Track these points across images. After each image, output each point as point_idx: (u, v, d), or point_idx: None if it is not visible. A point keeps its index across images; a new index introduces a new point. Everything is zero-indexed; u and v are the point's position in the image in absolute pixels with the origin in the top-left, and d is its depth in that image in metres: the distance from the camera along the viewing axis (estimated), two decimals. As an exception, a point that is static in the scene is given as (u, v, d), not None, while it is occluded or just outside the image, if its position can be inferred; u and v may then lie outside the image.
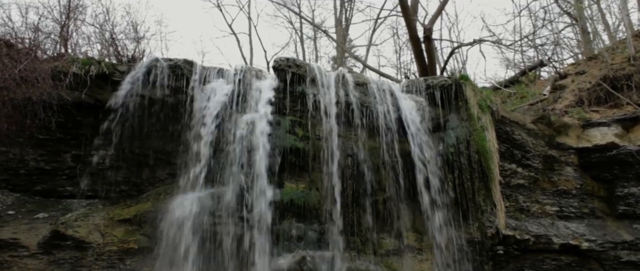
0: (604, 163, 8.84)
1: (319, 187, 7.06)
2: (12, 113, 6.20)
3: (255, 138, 6.92)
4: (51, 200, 6.78)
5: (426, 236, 7.30)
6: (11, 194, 6.63)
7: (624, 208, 8.68)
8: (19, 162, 6.71)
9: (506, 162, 8.38)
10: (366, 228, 7.09)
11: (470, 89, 8.19)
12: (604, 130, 8.85)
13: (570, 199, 8.78)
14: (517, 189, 8.54)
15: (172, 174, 7.08)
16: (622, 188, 8.72)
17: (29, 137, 6.58)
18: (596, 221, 8.69)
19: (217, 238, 6.27)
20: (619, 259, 8.24)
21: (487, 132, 7.90)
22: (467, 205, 7.45)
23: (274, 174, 6.83)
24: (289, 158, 7.04)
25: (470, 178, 7.55)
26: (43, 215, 6.40)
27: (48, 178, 6.87)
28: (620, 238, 8.34)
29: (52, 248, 6.03)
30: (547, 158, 8.81)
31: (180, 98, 7.09)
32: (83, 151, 6.93)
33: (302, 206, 6.83)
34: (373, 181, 7.30)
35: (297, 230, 6.70)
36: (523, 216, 8.39)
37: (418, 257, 7.21)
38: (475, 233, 7.42)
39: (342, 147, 7.32)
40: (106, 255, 6.14)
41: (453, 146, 7.68)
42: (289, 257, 6.43)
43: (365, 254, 6.92)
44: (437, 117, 8.03)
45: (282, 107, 7.40)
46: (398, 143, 7.58)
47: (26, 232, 6.05)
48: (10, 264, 5.86)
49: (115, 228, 6.34)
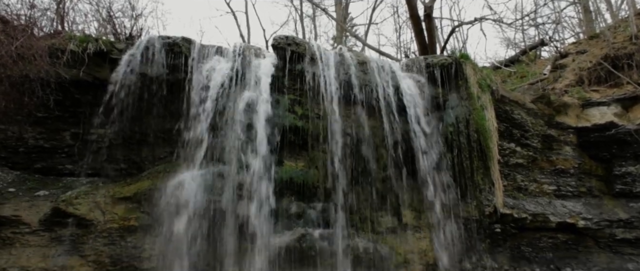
0: (602, 142, 8.86)
1: (318, 166, 7.08)
2: (9, 91, 6.16)
3: (255, 117, 6.91)
4: (51, 178, 6.79)
5: (425, 214, 7.38)
6: (11, 172, 6.65)
7: (620, 187, 8.75)
8: (17, 140, 6.70)
9: (505, 141, 8.40)
10: (365, 206, 7.15)
11: (471, 68, 8.15)
12: (603, 109, 8.85)
13: (568, 178, 8.84)
14: (515, 168, 8.58)
15: (171, 152, 7.08)
16: (620, 168, 8.77)
17: (27, 115, 6.55)
18: (593, 200, 8.77)
19: (216, 216, 6.31)
20: (614, 237, 8.35)
21: (486, 111, 7.90)
22: (465, 184, 7.50)
23: (273, 152, 6.85)
24: (289, 137, 7.05)
25: (469, 157, 7.58)
26: (43, 192, 6.43)
27: (47, 156, 6.87)
28: (616, 216, 8.43)
29: (53, 225, 6.07)
30: (546, 137, 8.83)
31: (178, 77, 7.05)
32: (82, 129, 6.91)
33: (302, 185, 6.87)
34: (372, 160, 7.33)
35: (296, 208, 6.76)
36: (521, 195, 8.46)
37: (416, 235, 7.28)
38: (474, 212, 7.49)
39: (342, 125, 7.33)
40: (107, 232, 6.18)
41: (452, 125, 7.70)
42: (289, 234, 6.50)
43: (364, 232, 6.99)
44: (436, 96, 8.02)
45: (281, 86, 7.37)
46: (398, 122, 7.59)
47: (27, 209, 6.08)
48: (13, 240, 5.91)
49: (115, 205, 6.36)
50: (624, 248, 8.35)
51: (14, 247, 5.87)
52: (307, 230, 6.61)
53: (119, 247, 6.17)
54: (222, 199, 6.40)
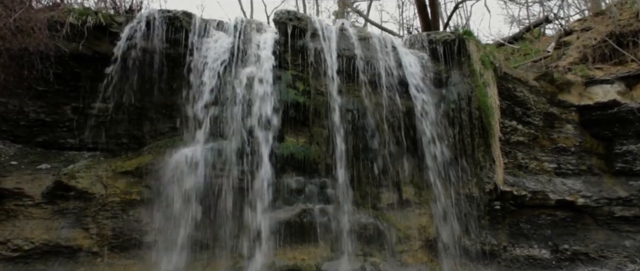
0: (604, 120, 8.84)
1: (319, 142, 7.09)
2: (8, 64, 6.13)
3: (256, 92, 6.89)
4: (53, 151, 6.81)
5: (425, 190, 7.42)
6: (13, 145, 6.66)
7: (621, 165, 8.76)
8: (18, 113, 6.69)
9: (507, 119, 8.39)
10: (366, 183, 7.18)
11: (474, 45, 8.08)
12: (606, 87, 8.80)
13: (568, 156, 8.86)
14: (516, 146, 8.59)
15: (172, 127, 7.09)
16: (621, 146, 8.76)
17: (27, 88, 6.53)
18: (593, 178, 8.80)
19: (217, 191, 6.36)
20: (613, 214, 8.41)
21: (489, 88, 7.86)
22: (466, 161, 7.53)
23: (275, 128, 6.85)
24: (290, 113, 7.05)
25: (470, 134, 7.58)
26: (46, 166, 6.46)
27: (49, 130, 6.87)
28: (615, 194, 8.47)
29: (56, 198, 6.12)
30: (548, 115, 8.81)
31: (179, 51, 7.01)
32: (82, 103, 6.90)
33: (303, 161, 6.89)
34: (374, 136, 7.33)
35: (297, 184, 6.80)
36: (521, 173, 8.49)
37: (417, 211, 7.34)
38: (474, 189, 7.53)
39: (343, 101, 7.31)
40: (109, 205, 6.24)
41: (454, 102, 7.67)
42: (289, 210, 6.56)
43: (364, 208, 7.05)
44: (439, 72, 7.98)
45: (283, 61, 7.33)
46: (399, 99, 7.58)
47: (30, 182, 6.12)
48: (16, 213, 5.96)
49: (117, 179, 6.40)
50: (622, 226, 8.42)
51: (17, 219, 5.94)
52: (308, 206, 6.66)
53: (121, 221, 6.23)
54: (223, 174, 6.43)
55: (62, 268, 5.87)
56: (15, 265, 5.76)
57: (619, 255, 8.15)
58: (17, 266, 5.77)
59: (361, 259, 6.66)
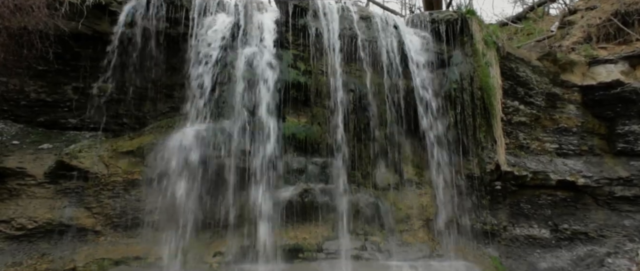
0: (607, 101, 8.80)
1: (320, 122, 7.08)
2: (8, 42, 6.08)
3: (257, 72, 6.85)
4: (54, 131, 6.81)
5: (426, 171, 7.44)
6: (14, 125, 6.67)
7: (622, 145, 8.75)
8: (19, 93, 6.67)
9: (509, 99, 8.36)
10: (367, 163, 7.20)
11: (476, 24, 8.00)
12: (610, 67, 8.74)
13: (570, 137, 8.85)
14: (518, 126, 8.57)
15: (173, 108, 7.08)
16: (623, 126, 8.74)
17: (27, 68, 6.50)
18: (594, 158, 8.81)
19: (219, 171, 6.37)
20: (613, 194, 8.44)
21: (491, 68, 7.80)
22: (468, 141, 7.52)
23: (276, 108, 6.82)
24: (291, 93, 7.01)
25: (472, 114, 7.56)
26: (47, 145, 6.47)
27: (50, 110, 6.86)
28: (616, 174, 8.49)
29: (58, 178, 6.15)
30: (551, 95, 8.76)
31: (179, 31, 6.94)
32: (83, 83, 6.87)
33: (304, 141, 6.89)
34: (375, 116, 7.31)
35: (298, 164, 6.80)
36: (522, 153, 8.49)
37: (417, 191, 7.37)
38: (475, 169, 7.54)
39: (345, 81, 7.27)
40: (111, 185, 6.27)
41: (456, 82, 7.62)
42: (291, 189, 6.57)
43: (365, 187, 7.07)
44: (441, 52, 7.91)
45: (284, 41, 7.27)
46: (401, 79, 7.54)
47: (32, 162, 6.14)
48: (19, 192, 6.00)
49: (118, 159, 6.42)
50: (622, 205, 8.46)
51: (20, 198, 5.97)
52: (309, 185, 6.67)
53: (124, 200, 6.27)
54: (225, 154, 6.43)
55: (66, 247, 5.92)
56: (19, 244, 5.82)
57: (618, 234, 8.21)
58: (21, 244, 5.82)
59: (362, 238, 6.71)
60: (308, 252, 6.33)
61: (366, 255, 6.56)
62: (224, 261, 6.01)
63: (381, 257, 6.60)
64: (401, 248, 6.87)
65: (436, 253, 7.02)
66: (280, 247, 6.19)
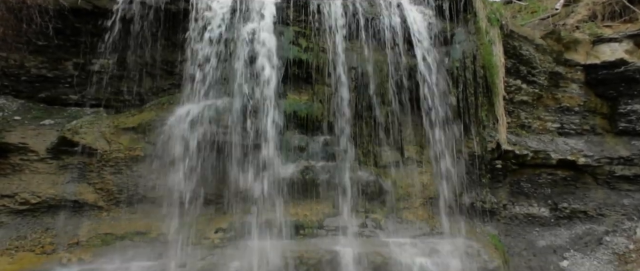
0: (610, 80, 8.76)
1: (322, 99, 7.05)
2: (7, 17, 6.04)
3: (258, 49, 6.79)
4: (56, 107, 6.82)
5: (427, 149, 7.44)
6: (16, 100, 6.67)
7: (624, 124, 8.75)
8: (19, 68, 6.65)
9: (511, 78, 8.32)
10: (368, 141, 7.20)
11: (480, 1, 7.90)
12: (614, 46, 8.66)
13: (572, 116, 8.84)
14: (520, 105, 8.55)
15: (174, 84, 7.05)
16: (626, 106, 8.72)
17: (27, 43, 6.46)
18: (595, 137, 8.82)
19: (220, 148, 6.38)
20: (613, 174, 8.48)
21: (494, 46, 7.75)
22: (469, 120, 7.51)
23: (277, 85, 6.79)
24: (293, 70, 6.97)
25: (474, 93, 7.53)
26: (49, 121, 6.48)
27: (51, 85, 6.85)
28: (617, 153, 8.51)
29: (60, 154, 6.17)
30: (553, 74, 8.72)
31: (180, 6, 6.86)
32: (84, 59, 6.84)
33: (305, 118, 6.88)
34: (377, 94, 7.28)
35: (299, 141, 6.81)
36: (523, 132, 8.50)
37: (418, 169, 7.39)
38: (476, 147, 7.55)
39: (347, 59, 7.21)
40: (113, 161, 6.28)
41: (459, 60, 7.57)
42: (292, 167, 6.59)
43: (366, 165, 7.08)
44: (444, 30, 7.83)
45: (285, 17, 7.18)
46: (403, 56, 7.47)
47: (34, 138, 6.16)
48: (22, 167, 6.03)
49: (120, 135, 6.43)
50: (622, 185, 8.50)
51: (23, 173, 6.01)
52: (310, 163, 6.69)
53: (126, 176, 6.29)
54: (226, 131, 6.43)
55: (69, 222, 5.98)
56: (23, 218, 5.88)
57: (617, 213, 8.27)
58: (25, 219, 5.89)
59: (363, 215, 6.76)
60: (309, 229, 6.39)
61: (367, 232, 6.62)
62: (226, 237, 6.08)
63: (381, 234, 6.66)
64: (401, 225, 6.93)
65: (436, 230, 7.08)
66: (281, 223, 6.23)
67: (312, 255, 5.85)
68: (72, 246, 5.79)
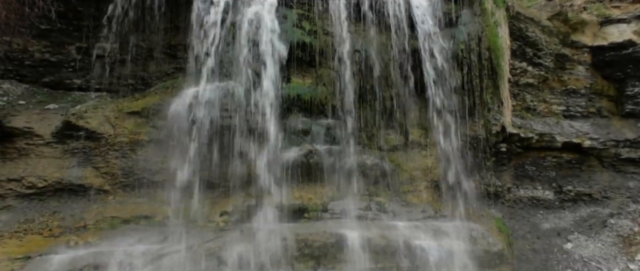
0: (617, 61, 8.68)
1: (326, 83, 7.02)
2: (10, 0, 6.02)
3: (261, 32, 6.74)
4: (60, 92, 6.85)
5: (431, 132, 7.41)
6: (20, 84, 6.69)
7: (631, 107, 8.69)
8: (23, 52, 6.66)
9: (517, 61, 8.25)
10: (372, 124, 7.18)
11: (486, -18, 7.79)
12: (622, 27, 8.55)
13: (578, 98, 8.78)
14: (525, 88, 8.49)
15: (178, 68, 7.04)
16: (633, 88, 8.65)
17: (30, 27, 6.45)
18: (601, 120, 8.76)
19: (224, 132, 6.38)
20: (619, 156, 8.45)
21: (500, 28, 7.66)
22: (474, 103, 7.46)
23: (281, 69, 6.76)
24: (296, 53, 6.93)
25: (479, 75, 7.47)
26: (53, 106, 6.50)
27: (54, 70, 6.86)
28: (623, 136, 8.46)
29: (65, 138, 6.19)
30: (560, 56, 8.63)
31: (183, -11, 6.82)
32: (87, 43, 6.84)
33: (309, 102, 6.86)
34: (381, 77, 7.24)
35: (303, 125, 6.79)
36: (529, 115, 8.45)
37: (423, 152, 7.37)
38: (480, 131, 7.52)
39: (351, 42, 7.15)
40: (118, 145, 6.31)
41: (464, 42, 7.49)
42: (296, 150, 6.59)
43: (370, 149, 7.08)
44: (449, 11, 7.73)
45: (288, 0, 7.12)
46: (408, 39, 7.40)
47: (39, 122, 6.18)
48: (28, 151, 6.07)
49: (125, 120, 6.43)
50: (627, 167, 8.48)
51: (29, 158, 6.05)
52: (314, 146, 6.69)
53: (131, 160, 6.32)
54: (229, 114, 6.43)
55: (76, 205, 6.04)
56: (30, 202, 5.94)
57: (622, 196, 8.26)
58: (32, 202, 5.94)
59: (367, 199, 6.77)
60: (313, 212, 6.41)
61: (371, 215, 6.63)
62: (230, 220, 6.11)
63: (385, 217, 6.67)
64: (405, 208, 6.93)
65: (440, 213, 7.09)
66: (286, 207, 6.26)
67: (317, 238, 5.88)
68: (79, 229, 5.84)
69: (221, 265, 5.47)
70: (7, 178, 5.90)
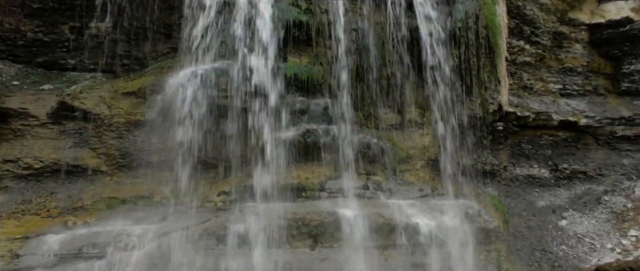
0: (615, 39, 8.65)
1: (322, 62, 6.98)
2: (0, -22, 5.94)
3: (257, 11, 6.67)
4: (54, 72, 6.80)
5: (428, 111, 7.41)
6: (13, 65, 6.63)
7: (627, 85, 8.70)
8: (15, 32, 6.58)
9: (514, 39, 8.21)
10: (369, 103, 7.17)
11: (484, -41, 7.69)
12: (620, 4, 8.51)
13: (574, 77, 8.78)
14: (522, 67, 8.48)
15: (173, 48, 6.98)
16: (629, 65, 8.65)
17: (21, 5, 6.38)
18: (598, 98, 8.79)
19: (221, 112, 6.36)
20: (614, 134, 8.50)
21: (497, 6, 7.60)
22: (471, 81, 7.44)
23: (277, 48, 6.70)
24: (293, 32, 6.86)
25: (476, 54, 7.43)
26: (48, 86, 6.45)
27: (48, 50, 6.79)
28: (619, 114, 8.50)
29: (61, 119, 6.17)
30: (557, 34, 8.60)
31: (176, -33, 6.71)
32: (79, 22, 6.75)
33: (306, 81, 6.82)
34: (378, 56, 7.19)
35: (300, 104, 6.77)
36: (525, 94, 8.46)
37: (419, 131, 7.38)
38: (477, 109, 7.52)
39: (348, 20, 7.09)
40: (114, 126, 6.29)
41: (461, 21, 7.43)
42: (293, 130, 6.58)
43: (368, 128, 7.08)
44: (446, -11, 7.67)
45: (284, -23, 7.02)
46: (405, 18, 7.34)
47: (34, 103, 6.15)
48: (23, 132, 6.05)
49: (120, 100, 6.40)
50: (622, 145, 8.53)
51: (25, 139, 6.03)
52: (312, 126, 6.68)
53: (127, 141, 6.31)
54: (226, 94, 6.40)
55: (73, 186, 6.05)
56: (27, 182, 5.95)
57: (616, 173, 8.34)
58: (29, 183, 5.95)
59: (364, 178, 6.79)
60: (311, 191, 6.44)
61: (368, 193, 6.67)
62: (228, 200, 6.13)
63: (383, 196, 6.71)
64: (402, 187, 6.97)
65: (437, 192, 7.14)
66: (283, 186, 6.28)
67: (314, 216, 5.92)
68: (77, 209, 5.86)
69: (220, 244, 5.51)
70: (4, 159, 5.89)
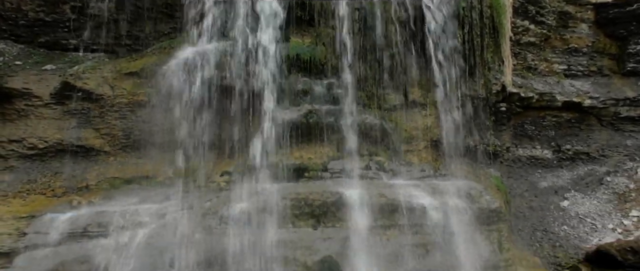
0: (621, 18, 8.55)
1: (325, 42, 6.94)
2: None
3: (259, -10, 6.62)
4: (56, 52, 6.80)
5: (431, 92, 7.38)
6: (15, 45, 6.63)
7: (632, 65, 8.63)
8: (17, 12, 6.57)
9: (519, 19, 8.13)
10: (372, 84, 7.14)
11: (490, -64, 7.57)
12: (627, -17, 8.41)
13: (579, 57, 8.71)
14: (526, 47, 8.41)
15: (175, 28, 6.98)
16: (635, 45, 8.56)
17: (22, -16, 6.35)
18: (602, 79, 8.73)
19: (223, 92, 6.36)
20: (618, 115, 8.46)
21: (502, -16, 7.51)
22: (474, 62, 7.39)
23: (280, 28, 6.66)
24: (295, 12, 6.82)
25: (480, 34, 7.37)
26: (51, 66, 6.45)
27: (50, 30, 6.78)
28: (623, 95, 8.45)
29: (64, 99, 6.20)
30: (563, 14, 8.51)
31: (178, -56, 6.65)
32: (81, 2, 6.72)
33: (309, 61, 6.79)
34: (381, 36, 7.14)
35: (303, 85, 6.75)
36: (529, 75, 8.41)
37: (422, 112, 7.35)
38: (481, 90, 7.49)
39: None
40: (117, 106, 6.31)
41: (465, 0, 7.36)
42: (296, 110, 6.58)
43: (370, 108, 7.06)
44: (451, -33, 7.57)
45: (287, -44, 6.94)
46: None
47: (37, 83, 6.16)
48: (27, 112, 6.08)
49: (123, 81, 6.41)
50: (626, 126, 8.51)
51: (29, 119, 6.06)
52: (314, 106, 6.67)
53: (130, 121, 6.34)
54: (228, 75, 6.39)
55: (77, 166, 6.10)
56: (32, 162, 6.00)
57: (619, 154, 8.33)
58: (34, 163, 6.00)
59: (366, 158, 6.80)
60: (313, 171, 6.46)
61: (371, 174, 6.68)
62: (231, 180, 6.16)
63: (385, 176, 6.73)
64: (405, 168, 6.98)
65: (439, 172, 7.14)
66: (286, 167, 6.30)
67: (317, 197, 5.94)
68: (82, 189, 5.92)
69: (222, 224, 5.55)
70: (8, 139, 5.93)
